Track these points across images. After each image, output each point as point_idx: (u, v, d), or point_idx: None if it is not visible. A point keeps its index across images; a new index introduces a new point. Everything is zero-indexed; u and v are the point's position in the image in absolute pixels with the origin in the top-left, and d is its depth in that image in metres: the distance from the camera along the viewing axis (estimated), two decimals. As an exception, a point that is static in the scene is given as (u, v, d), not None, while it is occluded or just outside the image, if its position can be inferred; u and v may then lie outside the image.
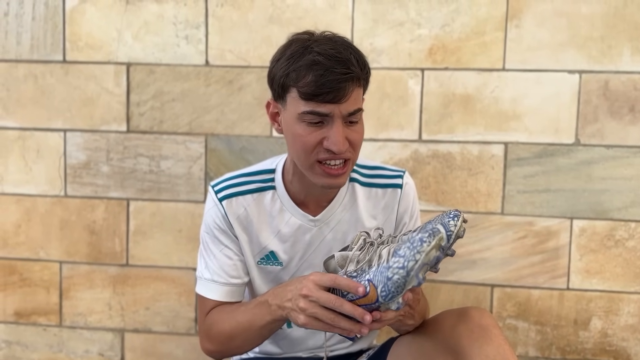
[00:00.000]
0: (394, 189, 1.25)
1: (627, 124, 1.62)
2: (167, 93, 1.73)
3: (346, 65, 1.05)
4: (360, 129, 1.12)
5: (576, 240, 1.66)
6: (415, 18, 1.64)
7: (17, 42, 1.76)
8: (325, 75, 1.04)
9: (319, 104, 1.06)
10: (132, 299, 1.81)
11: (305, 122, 1.08)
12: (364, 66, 1.10)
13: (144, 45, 1.73)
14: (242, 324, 1.14)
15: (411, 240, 0.96)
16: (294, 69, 1.07)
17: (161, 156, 1.75)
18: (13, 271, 1.84)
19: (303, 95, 1.06)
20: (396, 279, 0.94)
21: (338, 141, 1.06)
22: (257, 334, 1.14)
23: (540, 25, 1.61)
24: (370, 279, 0.97)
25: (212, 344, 1.21)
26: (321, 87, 1.04)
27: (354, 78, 1.06)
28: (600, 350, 1.69)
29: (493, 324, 1.07)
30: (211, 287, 1.23)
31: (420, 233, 0.96)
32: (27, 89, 1.77)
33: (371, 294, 0.96)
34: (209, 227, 1.23)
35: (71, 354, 1.85)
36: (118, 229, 1.79)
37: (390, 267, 0.95)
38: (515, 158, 1.65)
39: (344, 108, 1.07)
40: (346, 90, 1.05)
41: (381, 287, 0.96)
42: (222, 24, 1.70)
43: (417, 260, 0.93)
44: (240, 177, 1.24)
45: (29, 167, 1.80)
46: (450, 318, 1.12)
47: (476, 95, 1.64)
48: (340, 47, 1.08)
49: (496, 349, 1.02)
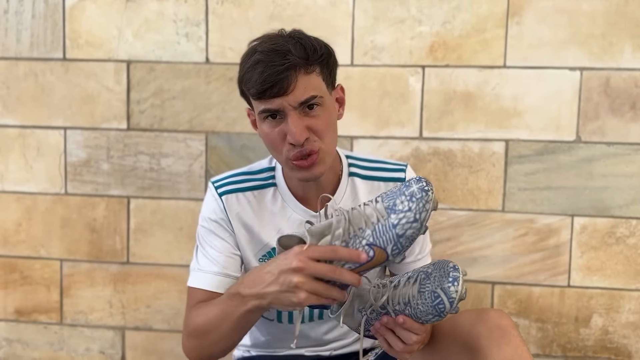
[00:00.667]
0: (396, 182, 1.25)
1: (628, 121, 1.62)
2: (167, 91, 1.73)
3: (284, 56, 1.04)
4: (323, 116, 1.09)
5: (577, 237, 1.66)
6: (416, 15, 1.64)
7: (17, 39, 1.76)
8: (264, 70, 1.04)
9: (268, 101, 1.06)
10: (133, 297, 1.81)
11: (267, 121, 1.09)
12: (314, 52, 1.07)
13: (144, 43, 1.72)
14: (214, 318, 1.09)
15: (406, 195, 0.94)
16: (244, 73, 1.08)
17: (162, 154, 1.75)
18: (14, 269, 1.84)
19: (254, 96, 1.07)
20: (410, 234, 0.94)
21: (295, 133, 1.05)
22: (231, 328, 1.08)
23: (541, 22, 1.61)
24: (371, 243, 0.94)
25: (189, 340, 1.15)
26: (263, 83, 1.04)
27: (295, 66, 1.04)
28: (601, 348, 1.69)
29: (512, 325, 1.07)
30: (202, 277, 1.18)
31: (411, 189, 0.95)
32: (27, 86, 1.77)
33: (378, 257, 0.95)
34: (207, 220, 1.22)
35: (72, 352, 1.85)
36: (119, 227, 1.78)
37: (397, 225, 0.93)
38: (516, 155, 1.65)
39: (292, 99, 1.05)
40: (289, 80, 1.04)
41: (392, 245, 0.94)
42: (223, 21, 1.69)
43: (428, 209, 0.94)
44: (240, 175, 1.24)
45: (30, 165, 1.80)
46: (469, 318, 1.11)
47: (477, 92, 1.64)
48: (282, 40, 1.07)
49: (514, 350, 1.02)
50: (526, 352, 1.03)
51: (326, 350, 1.32)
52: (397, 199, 0.95)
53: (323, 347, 1.32)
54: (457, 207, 1.68)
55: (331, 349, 1.32)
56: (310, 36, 1.10)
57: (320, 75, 1.09)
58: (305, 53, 1.06)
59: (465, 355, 1.07)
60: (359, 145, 1.69)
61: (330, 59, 1.12)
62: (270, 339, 1.32)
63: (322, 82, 1.10)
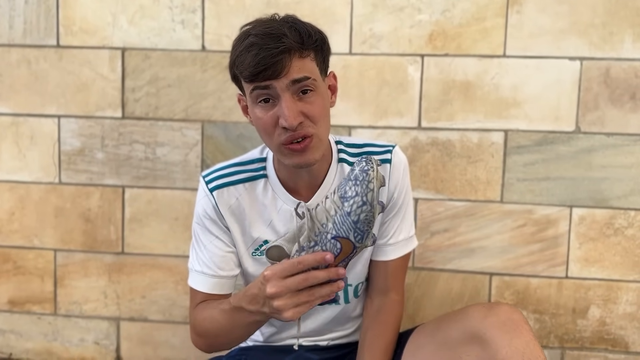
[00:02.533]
0: (385, 164, 1.23)
1: (627, 111, 1.61)
2: (162, 79, 1.71)
3: (279, 39, 1.03)
4: (317, 102, 1.08)
5: (575, 228, 1.65)
6: (415, 3, 1.62)
7: (9, 26, 1.73)
8: (259, 53, 1.03)
9: (261, 83, 1.05)
10: (128, 288, 1.79)
11: (259, 105, 1.08)
12: (308, 37, 1.07)
13: (139, 30, 1.70)
14: (224, 326, 1.13)
15: (352, 180, 0.94)
16: (236, 56, 1.07)
17: (157, 143, 1.73)
18: (7, 259, 1.82)
19: (246, 78, 1.06)
20: (364, 217, 0.93)
21: (287, 115, 1.04)
22: (241, 333, 1.13)
23: (542, 11, 1.59)
24: (335, 235, 0.95)
25: (200, 340, 1.21)
26: (257, 65, 1.03)
27: (290, 50, 1.04)
28: (599, 339, 1.69)
29: (524, 320, 1.07)
30: (200, 280, 1.21)
31: (354, 172, 0.95)
32: (20, 74, 1.74)
33: (345, 248, 0.95)
34: (200, 218, 1.22)
35: (66, 342, 1.83)
36: (113, 217, 1.77)
37: (350, 212, 0.93)
38: (515, 146, 1.64)
39: (285, 81, 1.04)
40: (283, 63, 1.03)
41: (352, 233, 0.94)
42: (219, 8, 1.67)
43: (372, 188, 0.93)
44: (231, 167, 1.23)
45: (23, 154, 1.77)
46: (480, 310, 1.11)
47: (476, 82, 1.63)
48: (277, 24, 1.06)
49: (526, 343, 1.02)
50: (538, 347, 1.03)
51: (323, 340, 1.31)
52: (346, 186, 0.95)
53: (320, 337, 1.31)
54: (456, 198, 1.67)
55: (328, 339, 1.32)
56: (304, 22, 1.10)
57: (314, 61, 1.09)
58: (300, 37, 1.05)
59: (475, 345, 1.06)
60: (356, 135, 1.67)
61: (324, 45, 1.11)
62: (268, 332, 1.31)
63: (316, 67, 1.09)
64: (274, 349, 1.31)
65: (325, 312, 1.27)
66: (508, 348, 1.02)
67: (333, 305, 1.26)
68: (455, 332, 1.11)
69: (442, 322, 1.17)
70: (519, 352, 1.01)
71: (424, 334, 1.20)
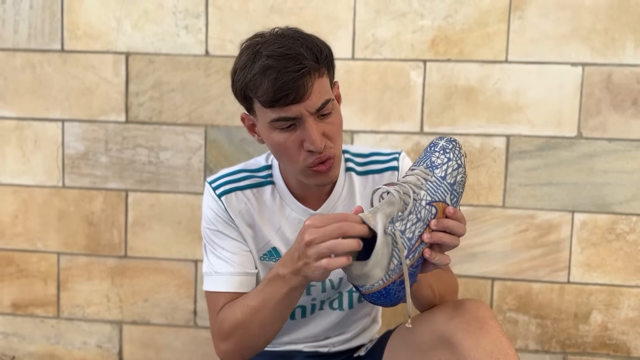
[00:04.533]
0: (392, 171, 1.23)
1: (629, 117, 1.61)
2: (166, 83, 1.71)
3: (298, 61, 1.00)
4: (335, 120, 1.08)
5: (577, 233, 1.65)
6: (417, 9, 1.63)
7: (14, 30, 1.74)
8: (279, 78, 1.00)
9: (283, 108, 1.02)
10: (131, 291, 1.80)
11: (278, 129, 1.06)
12: (320, 53, 1.04)
13: (143, 35, 1.71)
14: (255, 307, 1.07)
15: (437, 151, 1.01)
16: (250, 79, 1.03)
17: (160, 147, 1.73)
18: (10, 262, 1.83)
19: (265, 103, 1.03)
20: (460, 179, 1.01)
21: (315, 140, 1.03)
22: (274, 313, 1.07)
23: (544, 16, 1.60)
24: (430, 201, 0.98)
25: (227, 342, 1.12)
26: (278, 91, 1.00)
27: (311, 71, 1.01)
28: (600, 344, 1.69)
29: (490, 316, 1.04)
30: (222, 280, 1.16)
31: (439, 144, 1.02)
32: (24, 78, 1.76)
33: (440, 210, 0.98)
34: (211, 222, 1.19)
35: (69, 345, 1.84)
36: (116, 220, 1.77)
37: (446, 176, 0.99)
38: (517, 151, 1.64)
39: (309, 105, 1.02)
40: (306, 86, 1.01)
41: (449, 195, 0.99)
42: (223, 13, 1.68)
43: (464, 153, 1.02)
44: (237, 173, 1.22)
45: (27, 158, 1.78)
46: (446, 310, 1.09)
47: (478, 87, 1.63)
48: (289, 42, 1.03)
49: (493, 342, 1.00)
50: (506, 343, 1.00)
51: (325, 346, 1.31)
52: (431, 157, 1.01)
53: (322, 342, 1.31)
54: (458, 203, 1.67)
55: (330, 344, 1.31)
56: (310, 35, 1.07)
57: (327, 77, 1.08)
58: (314, 56, 1.03)
59: (444, 350, 1.04)
60: (359, 140, 1.68)
61: (332, 58, 1.10)
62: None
63: (329, 83, 1.08)
64: (276, 354, 1.32)
65: (329, 317, 1.27)
66: (475, 350, 0.99)
67: (337, 311, 1.26)
68: (425, 336, 1.09)
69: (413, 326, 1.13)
70: (487, 352, 0.98)
71: (399, 337, 1.19)
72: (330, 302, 1.25)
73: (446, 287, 1.20)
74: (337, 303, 1.26)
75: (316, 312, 1.25)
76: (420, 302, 1.16)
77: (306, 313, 1.25)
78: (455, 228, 0.98)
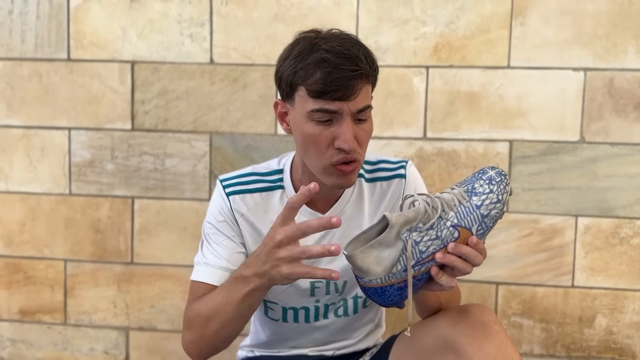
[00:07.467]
0: (399, 179, 1.25)
1: (632, 121, 1.62)
2: (171, 91, 1.73)
3: (355, 62, 1.05)
4: (368, 127, 1.11)
5: (581, 237, 1.66)
6: (420, 16, 1.64)
7: (21, 40, 1.76)
8: (333, 72, 1.03)
9: (328, 102, 1.05)
10: (137, 297, 1.81)
11: (314, 121, 1.07)
12: (373, 63, 1.09)
13: (148, 44, 1.73)
14: (219, 303, 1.08)
15: (484, 179, 1.00)
16: (302, 67, 1.06)
17: (166, 154, 1.75)
18: (18, 269, 1.84)
19: (311, 93, 1.05)
20: (494, 214, 0.99)
21: (349, 138, 1.05)
22: (234, 313, 1.07)
23: (546, 22, 1.61)
24: (456, 224, 0.97)
25: (189, 332, 1.13)
26: (330, 84, 1.03)
27: (363, 75, 1.06)
28: (605, 348, 1.69)
29: (494, 321, 1.05)
30: (208, 272, 1.17)
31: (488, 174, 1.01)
32: (31, 87, 1.78)
33: (462, 237, 0.98)
34: (214, 218, 1.21)
35: (76, 352, 1.85)
36: (123, 227, 1.79)
37: (481, 206, 0.98)
38: (520, 156, 1.65)
39: (353, 105, 1.06)
40: (355, 87, 1.05)
41: (477, 225, 0.98)
42: (227, 22, 1.70)
43: (509, 191, 1.01)
44: (250, 176, 1.23)
45: (34, 166, 1.80)
46: (450, 315, 1.10)
47: (481, 93, 1.64)
48: (349, 44, 1.07)
49: (497, 346, 1.00)
50: (510, 347, 1.01)
51: (329, 350, 1.32)
52: (474, 183, 1.00)
53: (326, 346, 1.32)
54: (461, 208, 1.68)
55: (334, 348, 1.32)
56: (363, 44, 1.11)
57: (371, 87, 1.11)
58: (368, 63, 1.07)
59: (449, 354, 1.04)
60: (363, 146, 1.69)
61: (378, 71, 1.13)
62: (274, 339, 1.32)
63: (371, 92, 1.12)
64: (281, 358, 1.32)
65: (334, 324, 1.28)
66: (480, 355, 1.00)
67: (342, 317, 1.27)
68: (430, 341, 1.09)
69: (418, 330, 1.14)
70: (491, 356, 0.99)
71: (404, 342, 1.19)
72: (335, 310, 1.26)
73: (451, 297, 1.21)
74: (342, 310, 1.27)
75: (320, 319, 1.26)
76: (425, 310, 1.18)
77: (310, 316, 1.26)
78: (472, 257, 0.98)
